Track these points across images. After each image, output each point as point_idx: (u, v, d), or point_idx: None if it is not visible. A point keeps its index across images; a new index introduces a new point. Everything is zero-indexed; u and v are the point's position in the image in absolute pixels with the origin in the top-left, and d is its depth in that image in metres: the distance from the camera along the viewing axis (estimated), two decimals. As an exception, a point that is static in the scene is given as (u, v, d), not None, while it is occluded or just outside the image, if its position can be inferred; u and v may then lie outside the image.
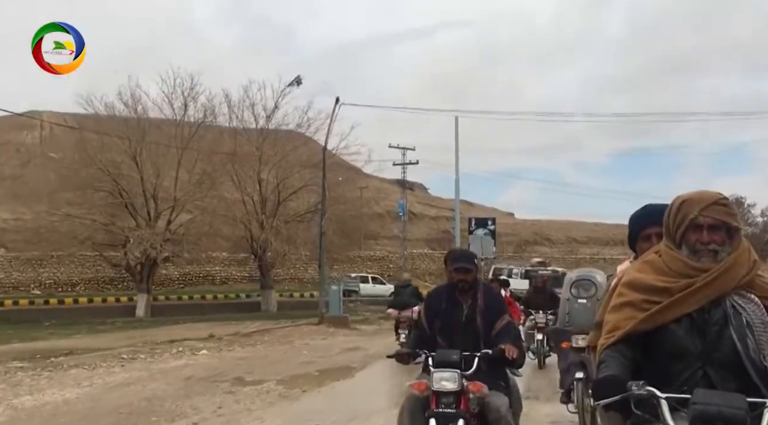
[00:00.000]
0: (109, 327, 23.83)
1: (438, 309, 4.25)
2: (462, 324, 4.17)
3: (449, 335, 4.16)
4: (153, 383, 9.45)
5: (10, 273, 38.38)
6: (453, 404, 3.84)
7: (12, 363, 11.18)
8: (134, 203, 26.19)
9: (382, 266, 47.29)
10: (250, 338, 16.66)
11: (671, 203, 2.32)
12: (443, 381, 3.86)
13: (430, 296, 4.53)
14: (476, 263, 4.36)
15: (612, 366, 2.11)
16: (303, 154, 28.91)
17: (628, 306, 2.22)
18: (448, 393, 3.85)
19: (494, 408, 3.93)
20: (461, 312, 4.19)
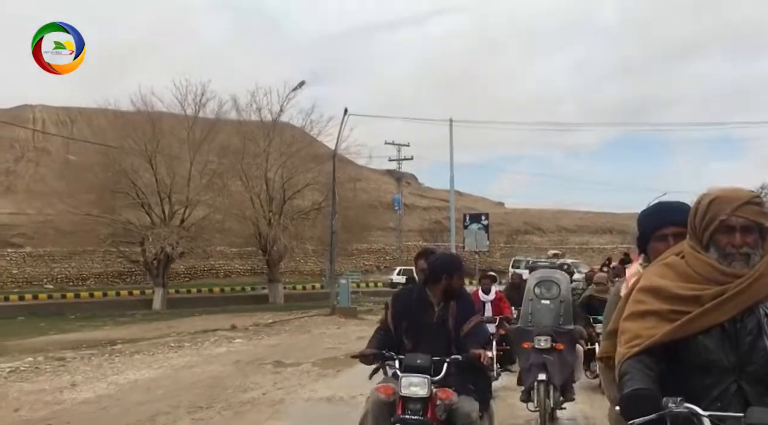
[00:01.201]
0: (132, 319, 25.61)
1: (406, 310, 4.15)
2: (432, 326, 4.05)
3: (416, 337, 4.06)
4: (210, 366, 11.24)
5: (24, 269, 39.96)
6: (420, 411, 3.74)
7: (85, 351, 13.00)
8: (150, 202, 27.97)
9: (379, 258, 49.09)
10: (272, 328, 18.47)
11: (698, 201, 2.11)
12: (412, 387, 3.75)
13: (398, 295, 4.38)
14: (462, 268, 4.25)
15: (638, 378, 1.92)
16: (307, 154, 30.76)
17: (652, 315, 2.02)
18: (416, 400, 3.75)
19: (464, 413, 3.86)
20: (432, 314, 4.07)
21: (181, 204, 28.38)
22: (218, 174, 29.11)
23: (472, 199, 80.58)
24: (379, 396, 3.86)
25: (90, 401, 8.05)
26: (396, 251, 47.77)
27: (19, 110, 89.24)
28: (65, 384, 9.28)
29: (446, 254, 4.88)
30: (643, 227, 2.48)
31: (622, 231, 70.20)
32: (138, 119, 28.43)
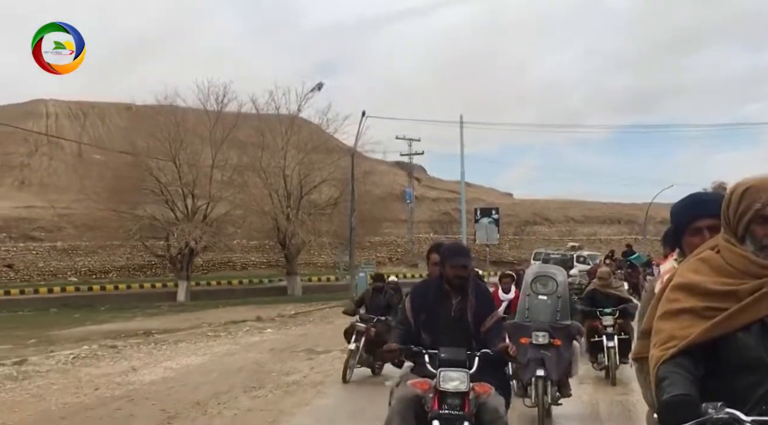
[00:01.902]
0: (160, 311, 26.82)
1: (424, 303, 4.15)
2: (450, 320, 4.05)
3: (434, 330, 4.06)
4: (248, 353, 12.40)
5: (49, 262, 41.26)
6: (458, 406, 3.74)
7: (130, 340, 14.21)
8: (174, 199, 29.27)
9: (391, 250, 50.19)
10: (296, 319, 19.63)
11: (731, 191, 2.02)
12: (452, 382, 3.75)
13: (417, 289, 4.42)
14: (471, 259, 4.27)
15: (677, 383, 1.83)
16: (324, 150, 32.00)
17: (687, 314, 1.93)
18: (454, 394, 3.75)
19: (492, 408, 3.85)
20: (450, 308, 4.07)
21: (204, 200, 29.66)
22: (238, 171, 30.37)
23: (480, 190, 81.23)
24: (413, 390, 3.84)
25: (156, 382, 9.23)
26: (407, 243, 48.92)
27: (32, 104, 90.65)
28: (127, 369, 10.45)
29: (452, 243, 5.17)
30: (677, 220, 2.35)
31: (630, 221, 70.85)
32: (162, 120, 29.67)
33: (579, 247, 42.25)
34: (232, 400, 7.93)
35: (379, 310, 9.18)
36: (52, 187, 77.76)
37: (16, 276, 39.52)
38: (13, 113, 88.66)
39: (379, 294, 9.43)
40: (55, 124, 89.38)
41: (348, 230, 28.49)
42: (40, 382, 9.26)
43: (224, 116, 31.16)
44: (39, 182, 77.74)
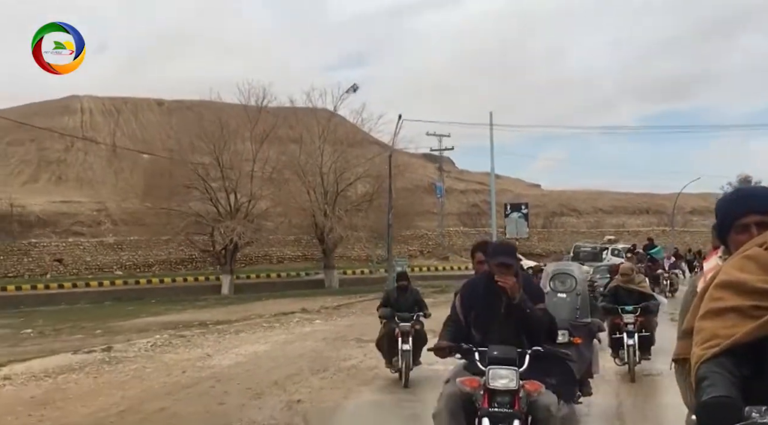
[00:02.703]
0: (207, 303, 28.34)
1: (474, 300, 4.18)
2: (500, 317, 4.06)
3: (485, 328, 4.08)
4: (304, 342, 13.74)
5: (96, 256, 43.18)
6: (508, 404, 3.75)
7: (195, 330, 15.68)
8: (218, 197, 30.93)
9: (422, 243, 51.37)
10: (340, 311, 20.98)
11: None
12: (502, 379, 3.76)
13: (466, 287, 4.42)
14: (517, 257, 4.30)
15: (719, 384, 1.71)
16: (357, 147, 33.44)
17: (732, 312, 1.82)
18: (504, 392, 3.75)
19: (543, 406, 3.85)
20: (499, 305, 4.07)
21: (246, 197, 31.28)
22: (277, 170, 31.91)
23: (508, 181, 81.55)
24: (463, 388, 3.84)
25: (233, 366, 10.60)
26: (438, 236, 50.12)
27: (68, 100, 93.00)
28: (202, 355, 11.84)
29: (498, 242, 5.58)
30: (722, 216, 2.22)
31: (659, 212, 70.99)
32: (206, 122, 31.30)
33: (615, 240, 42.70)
34: (304, 380, 9.25)
35: (407, 309, 8.96)
36: (87, 182, 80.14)
37: (66, 270, 41.44)
38: (49, 108, 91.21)
39: (405, 293, 9.22)
40: (90, 120, 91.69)
41: (382, 225, 29.89)
42: (133, 366, 10.68)
43: (264, 117, 32.79)
44: (75, 177, 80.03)
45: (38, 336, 18.91)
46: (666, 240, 54.38)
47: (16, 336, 19.24)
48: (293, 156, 31.86)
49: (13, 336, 19.03)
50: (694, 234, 64.94)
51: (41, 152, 76.94)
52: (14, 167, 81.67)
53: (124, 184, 79.68)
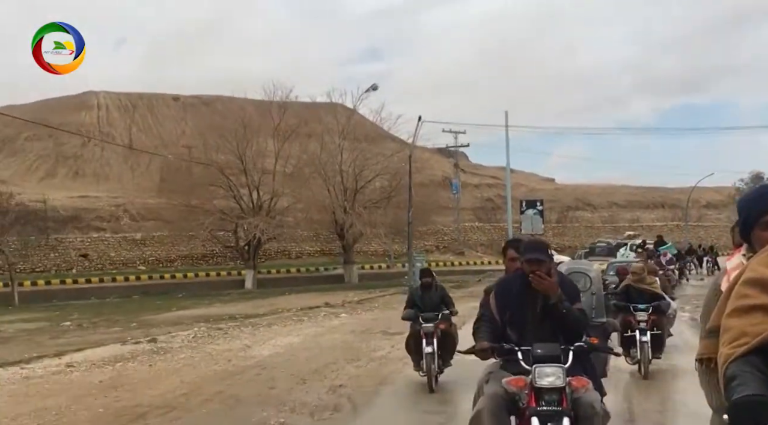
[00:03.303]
0: (232, 298, 29.28)
1: (509, 300, 4.14)
2: (536, 316, 4.03)
3: (520, 327, 4.04)
4: (334, 334, 14.59)
5: (120, 252, 44.34)
6: (556, 401, 3.73)
7: (229, 323, 16.61)
8: (241, 194, 31.93)
9: (438, 239, 52.18)
10: (362, 305, 21.83)
11: None
12: (549, 377, 3.74)
13: (500, 285, 4.38)
14: (550, 253, 4.23)
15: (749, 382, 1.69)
16: (376, 147, 34.32)
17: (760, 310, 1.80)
18: (551, 390, 3.74)
19: (587, 403, 3.80)
20: (534, 303, 4.04)
21: (268, 194, 32.28)
22: (298, 168, 32.88)
23: (522, 175, 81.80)
24: (509, 388, 3.80)
25: (273, 356, 11.47)
26: (454, 232, 50.90)
27: (84, 96, 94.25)
28: (242, 346, 12.73)
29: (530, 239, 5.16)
30: (746, 213, 2.22)
31: (674, 206, 71.08)
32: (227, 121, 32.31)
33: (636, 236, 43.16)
34: (341, 369, 10.10)
35: (432, 308, 8.47)
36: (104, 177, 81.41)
37: (90, 265, 42.62)
38: (66, 104, 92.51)
39: (430, 291, 8.70)
40: (106, 115, 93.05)
41: (400, 221, 30.78)
42: (181, 355, 11.58)
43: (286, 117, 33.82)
44: (92, 172, 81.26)
45: (77, 329, 19.89)
46: (680, 235, 54.87)
47: (56, 328, 20.24)
48: (314, 154, 32.82)
49: (53, 329, 20.04)
50: (709, 229, 65.20)
51: (58, 148, 78.10)
52: (32, 163, 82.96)
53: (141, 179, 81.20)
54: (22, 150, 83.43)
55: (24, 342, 17.23)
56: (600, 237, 43.13)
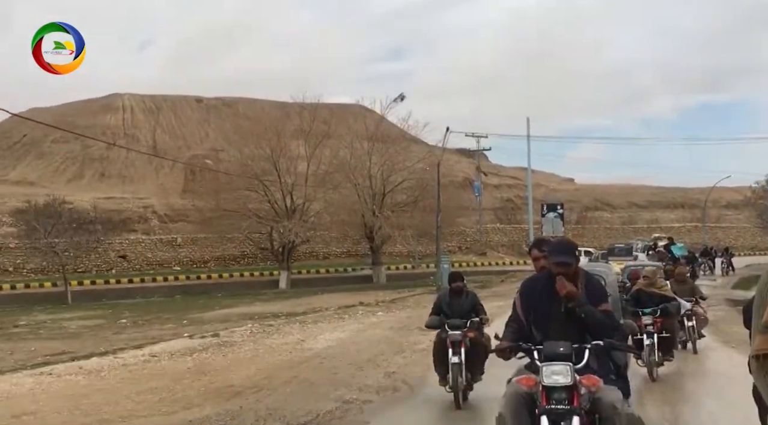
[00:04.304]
0: (269, 297, 30.91)
1: (534, 300, 4.15)
2: (561, 316, 4.02)
3: (545, 327, 4.05)
4: (375, 330, 16.12)
5: (156, 253, 46.33)
6: (565, 400, 3.70)
7: (277, 320, 18.25)
8: (276, 199, 33.73)
9: (460, 240, 53.62)
10: (395, 304, 23.35)
11: None
12: (555, 375, 3.73)
13: (525, 285, 4.36)
14: (576, 255, 4.20)
15: None
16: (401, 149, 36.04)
17: None
18: (560, 389, 3.72)
19: (608, 403, 3.75)
20: (560, 304, 4.03)
21: (300, 199, 34.08)
22: (329, 173, 34.65)
23: (542, 176, 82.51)
24: (520, 388, 3.83)
25: (327, 348, 13.03)
26: (476, 233, 52.33)
27: (110, 98, 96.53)
28: (296, 340, 14.31)
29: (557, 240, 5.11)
30: None
31: (694, 206, 71.57)
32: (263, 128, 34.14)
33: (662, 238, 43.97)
34: (389, 359, 11.65)
35: (462, 316, 7.80)
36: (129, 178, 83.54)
37: (129, 266, 44.63)
38: (91, 107, 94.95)
39: (460, 297, 8.01)
40: (131, 117, 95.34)
41: (426, 224, 32.46)
42: (246, 348, 13.19)
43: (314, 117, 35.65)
44: (117, 173, 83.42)
45: (134, 326, 21.59)
46: (698, 236, 55.78)
47: (114, 325, 21.99)
48: (343, 160, 34.54)
49: (112, 325, 21.79)
50: (727, 230, 65.85)
51: (85, 150, 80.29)
52: (59, 164, 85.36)
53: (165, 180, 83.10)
54: (50, 152, 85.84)
55: (91, 337, 18.99)
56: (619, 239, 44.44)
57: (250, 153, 33.88)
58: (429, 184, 32.94)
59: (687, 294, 11.19)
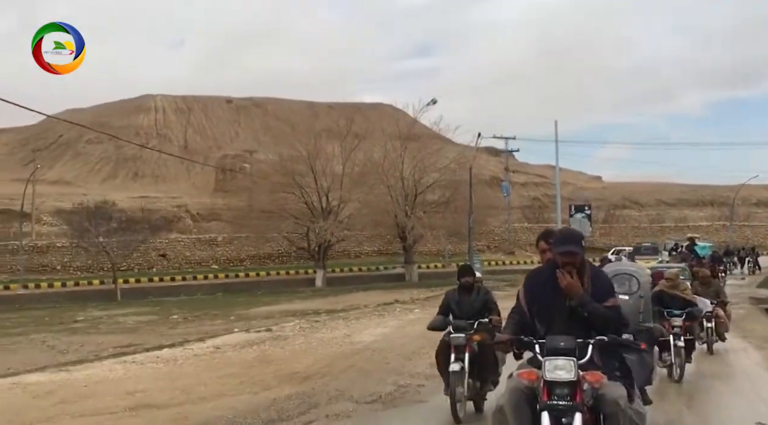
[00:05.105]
0: (307, 295, 32.18)
1: (537, 292, 4.06)
2: (565, 309, 3.91)
3: (548, 320, 3.96)
4: (414, 326, 17.12)
5: (194, 252, 48.04)
6: (568, 396, 3.63)
7: (320, 316, 19.52)
8: (312, 201, 35.15)
9: (489, 238, 54.63)
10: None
11: None
12: (558, 370, 3.65)
13: (530, 277, 4.25)
14: (583, 245, 4.04)
15: None
16: (434, 154, 37.22)
17: None
18: (562, 384, 3.64)
19: (611, 400, 3.68)
20: (564, 297, 3.92)
21: (336, 200, 35.46)
22: (363, 175, 36.00)
23: (569, 174, 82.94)
24: (521, 381, 3.77)
25: (374, 342, 14.21)
26: (504, 232, 53.31)
27: (142, 99, 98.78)
28: (343, 334, 15.51)
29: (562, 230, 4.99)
30: None
31: (723, 204, 71.59)
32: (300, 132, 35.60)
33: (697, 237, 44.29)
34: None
35: (471, 316, 7.05)
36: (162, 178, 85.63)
37: (168, 264, 46.37)
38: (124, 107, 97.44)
39: (470, 294, 7.21)
40: (163, 118, 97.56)
41: (457, 224, 33.66)
42: (299, 341, 14.44)
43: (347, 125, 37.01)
44: (151, 173, 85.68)
45: (185, 322, 22.94)
46: (726, 235, 56.06)
47: (167, 321, 23.37)
48: (377, 163, 35.86)
49: (165, 321, 23.18)
50: (756, 228, 65.81)
51: (119, 150, 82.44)
52: (94, 164, 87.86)
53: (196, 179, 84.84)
54: (85, 152, 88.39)
55: (149, 332, 20.39)
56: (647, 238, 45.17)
57: (288, 155, 35.36)
58: (460, 184, 34.09)
59: (711, 296, 11.31)
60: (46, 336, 19.25)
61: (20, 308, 29.32)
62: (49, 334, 19.76)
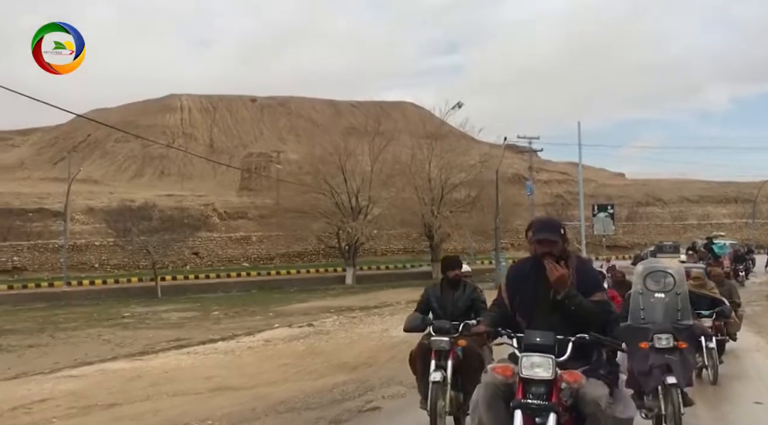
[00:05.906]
0: (339, 292, 33.44)
1: (520, 284, 3.89)
2: (548, 303, 3.75)
3: (530, 314, 3.80)
4: (446, 321, 18.41)
5: (226, 250, 49.41)
6: (544, 395, 3.46)
7: (355, 313, 20.67)
8: (342, 201, 36.42)
9: (512, 237, 55.28)
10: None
11: None
12: (535, 368, 3.47)
13: (513, 268, 4.12)
14: (562, 233, 3.84)
15: None
16: (460, 156, 38.30)
17: None
18: (538, 382, 3.47)
19: (591, 400, 3.54)
20: (548, 289, 3.75)
21: (365, 200, 36.71)
22: (391, 176, 37.20)
23: (592, 171, 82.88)
24: (496, 377, 3.61)
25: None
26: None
27: (168, 99, 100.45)
28: (381, 329, 16.58)
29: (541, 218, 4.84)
30: None
31: (747, 200, 71.36)
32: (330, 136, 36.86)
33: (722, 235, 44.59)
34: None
35: (457, 316, 6.05)
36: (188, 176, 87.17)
37: (201, 262, 47.77)
38: (151, 107, 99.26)
39: (455, 290, 6.24)
40: (189, 117, 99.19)
41: (483, 223, 34.78)
42: (341, 335, 15.57)
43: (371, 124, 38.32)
44: (177, 171, 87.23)
45: (226, 317, 24.28)
46: (748, 233, 56.27)
47: (209, 316, 24.73)
48: (405, 164, 37.02)
49: (207, 317, 24.54)
50: (780, 226, 65.60)
51: (145, 149, 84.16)
52: (121, 163, 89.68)
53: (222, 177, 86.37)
54: (112, 152, 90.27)
55: (194, 327, 21.71)
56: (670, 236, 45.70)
57: (319, 156, 36.71)
58: (485, 184, 35.15)
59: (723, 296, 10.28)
60: (101, 331, 20.59)
61: (66, 305, 30.83)
62: (103, 329, 21.11)
